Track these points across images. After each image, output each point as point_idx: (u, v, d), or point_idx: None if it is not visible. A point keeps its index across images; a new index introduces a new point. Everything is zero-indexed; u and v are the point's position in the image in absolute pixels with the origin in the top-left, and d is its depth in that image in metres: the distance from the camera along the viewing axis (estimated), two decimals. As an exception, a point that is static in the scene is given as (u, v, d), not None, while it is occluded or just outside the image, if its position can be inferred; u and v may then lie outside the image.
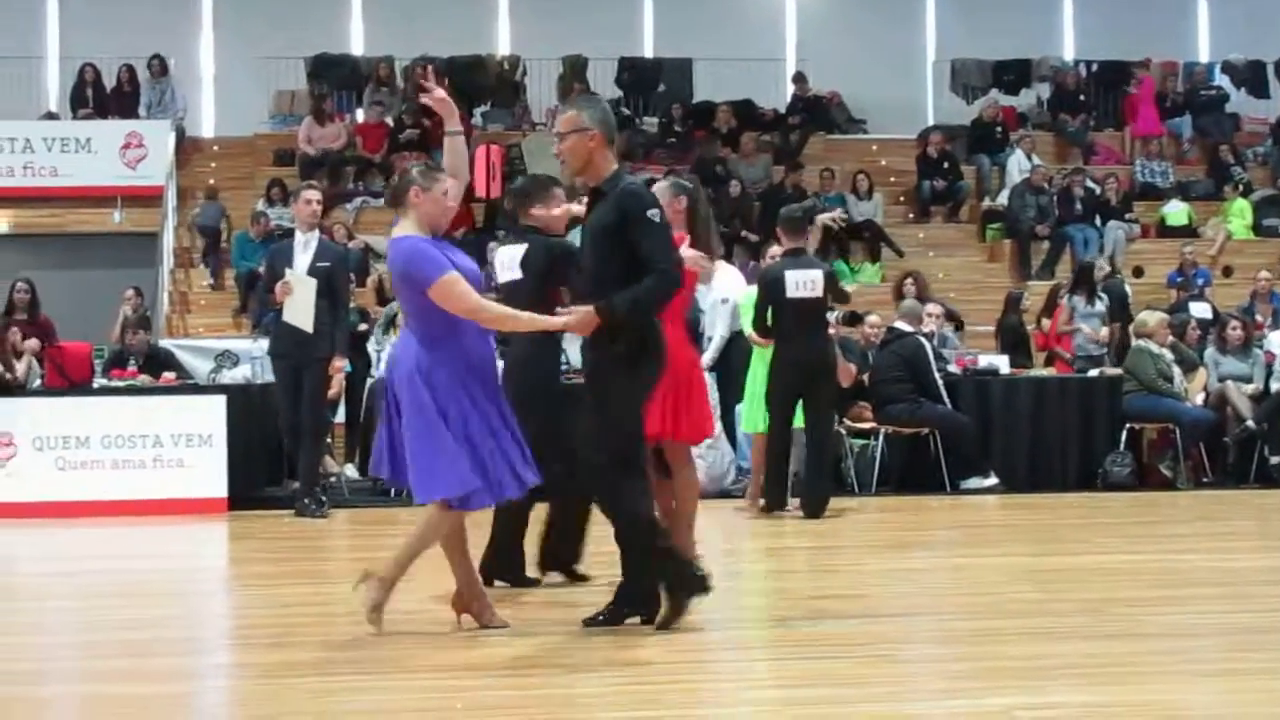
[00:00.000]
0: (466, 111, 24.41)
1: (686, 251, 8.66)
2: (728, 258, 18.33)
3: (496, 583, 8.58)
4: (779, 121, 25.12)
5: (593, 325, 7.10)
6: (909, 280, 17.45)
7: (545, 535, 8.88)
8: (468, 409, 7.04)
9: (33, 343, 14.69)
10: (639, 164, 23.07)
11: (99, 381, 14.42)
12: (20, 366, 14.43)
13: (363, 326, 16.47)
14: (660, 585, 7.21)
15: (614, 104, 25.01)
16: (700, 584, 7.19)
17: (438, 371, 7.01)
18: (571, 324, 7.18)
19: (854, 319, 15.78)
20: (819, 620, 7.80)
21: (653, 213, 7.11)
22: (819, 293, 12.55)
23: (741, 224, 21.75)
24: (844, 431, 14.70)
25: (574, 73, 25.32)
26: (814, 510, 12.42)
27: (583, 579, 8.84)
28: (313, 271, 12.78)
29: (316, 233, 13.19)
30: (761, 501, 12.77)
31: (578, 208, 8.74)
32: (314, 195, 13.31)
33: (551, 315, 7.56)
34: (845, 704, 5.81)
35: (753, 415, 13.14)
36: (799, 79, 25.76)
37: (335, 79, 25.03)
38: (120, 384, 14.21)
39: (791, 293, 12.43)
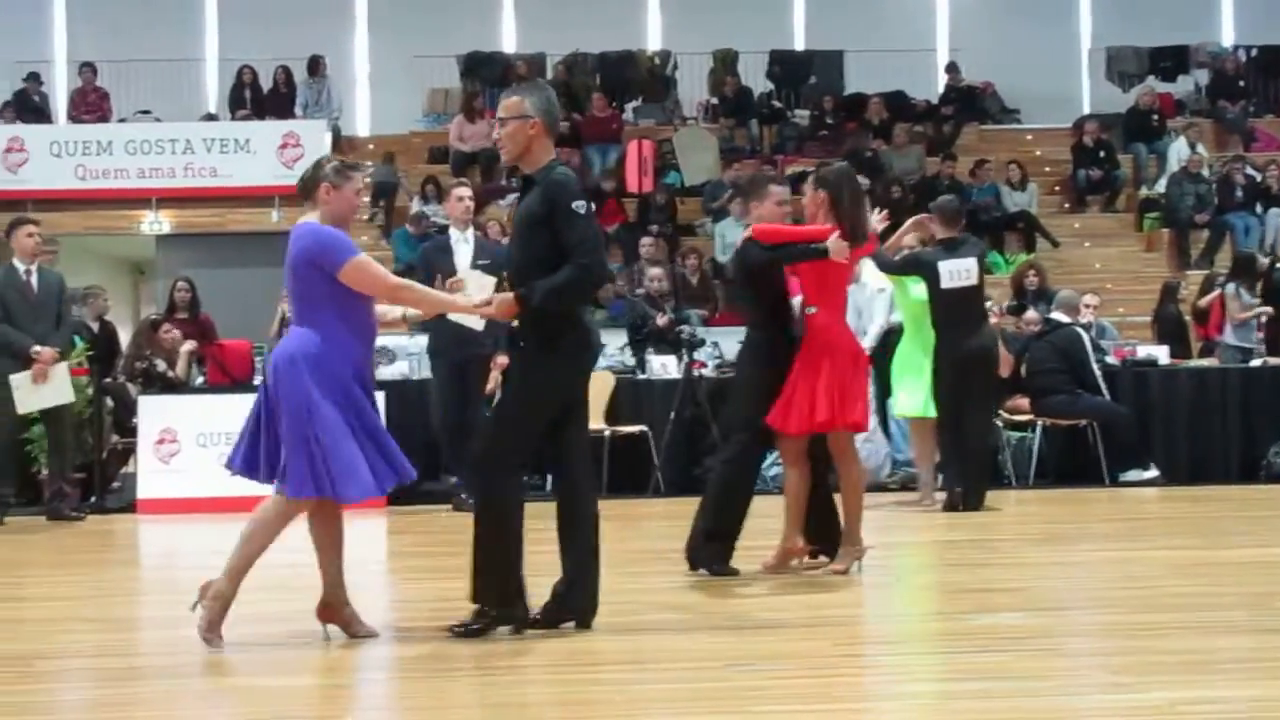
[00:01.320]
0: (618, 107, 24.49)
1: (832, 243, 8.65)
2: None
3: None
4: (931, 112, 24.95)
5: (510, 312, 7.10)
6: (1031, 273, 17.19)
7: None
8: (343, 405, 6.97)
9: (189, 343, 14.93)
10: (790, 157, 23.02)
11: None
12: (180, 365, 14.67)
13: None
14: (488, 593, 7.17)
15: (765, 97, 25.02)
16: (518, 620, 7.13)
17: (320, 364, 6.91)
18: (489, 310, 7.19)
19: (1019, 308, 15.64)
20: (979, 614, 7.73)
21: (578, 204, 6.99)
22: (975, 281, 12.43)
23: (894, 216, 21.57)
24: (1001, 423, 14.57)
25: (724, 66, 25.30)
26: (974, 503, 12.30)
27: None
28: (473, 268, 12.85)
29: (472, 230, 13.29)
30: (938, 497, 12.65)
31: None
32: (465, 192, 13.39)
33: (768, 315, 7.71)
34: (1006, 698, 5.75)
35: (909, 399, 13.01)
36: (951, 69, 25.59)
37: (487, 76, 25.20)
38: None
39: (946, 283, 12.31)
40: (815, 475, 9.03)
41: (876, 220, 9.72)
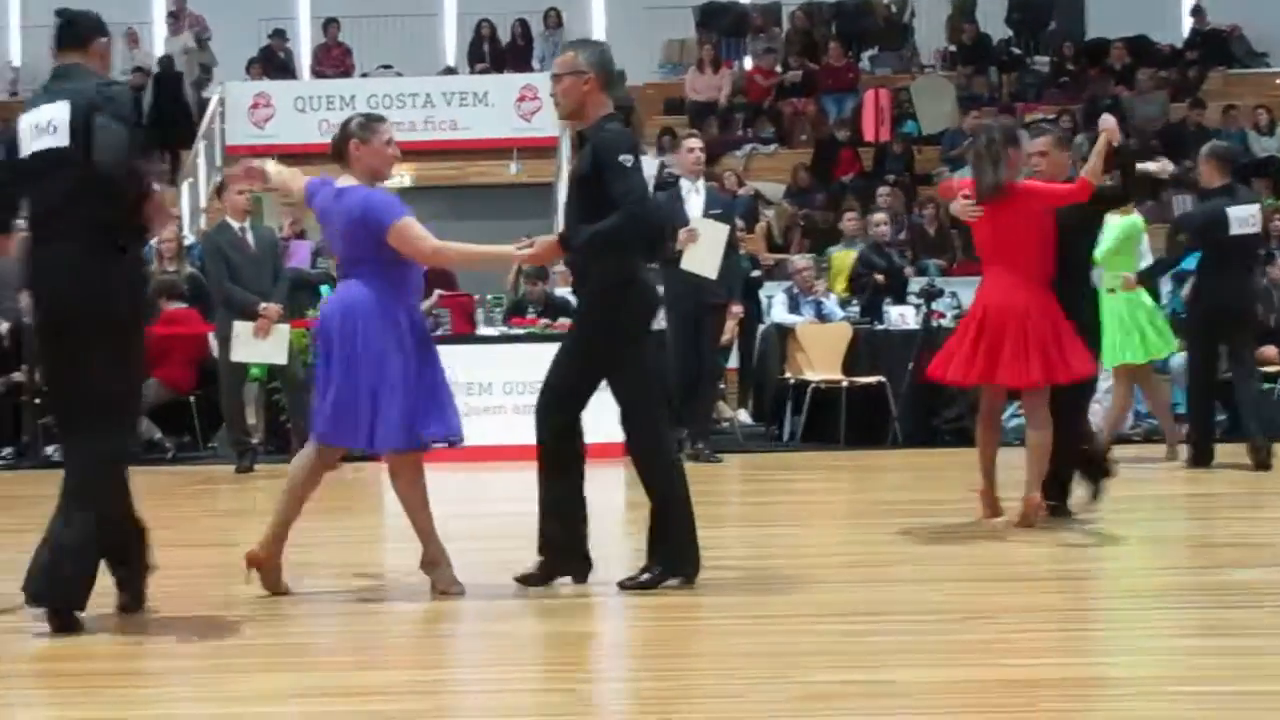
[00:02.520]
0: (854, 56, 24.31)
1: (955, 205, 8.64)
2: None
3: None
4: (1176, 57, 24.36)
5: (552, 254, 7.21)
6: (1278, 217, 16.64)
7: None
8: (413, 356, 7.02)
9: (436, 294, 15.18)
10: (1030, 104, 22.64)
11: (500, 329, 14.82)
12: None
13: (756, 273, 16.56)
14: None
15: (1004, 44, 24.63)
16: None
17: (385, 320, 6.95)
18: (531, 254, 7.22)
19: (1269, 257, 15.24)
20: (1227, 569, 7.59)
21: (624, 158, 6.90)
22: (1258, 228, 12.14)
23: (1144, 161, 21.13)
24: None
25: (962, 13, 24.95)
26: (1262, 460, 11.90)
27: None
28: (704, 218, 12.89)
29: (702, 180, 13.32)
30: (1183, 453, 12.34)
31: None
32: (695, 143, 13.44)
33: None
34: (1252, 655, 5.64)
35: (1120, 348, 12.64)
36: (1197, 12, 24.95)
37: (723, 27, 25.14)
38: (520, 331, 14.58)
39: (1235, 230, 11.94)
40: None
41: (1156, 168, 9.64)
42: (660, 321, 13.86)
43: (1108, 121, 9.17)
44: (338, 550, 8.43)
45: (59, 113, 6.27)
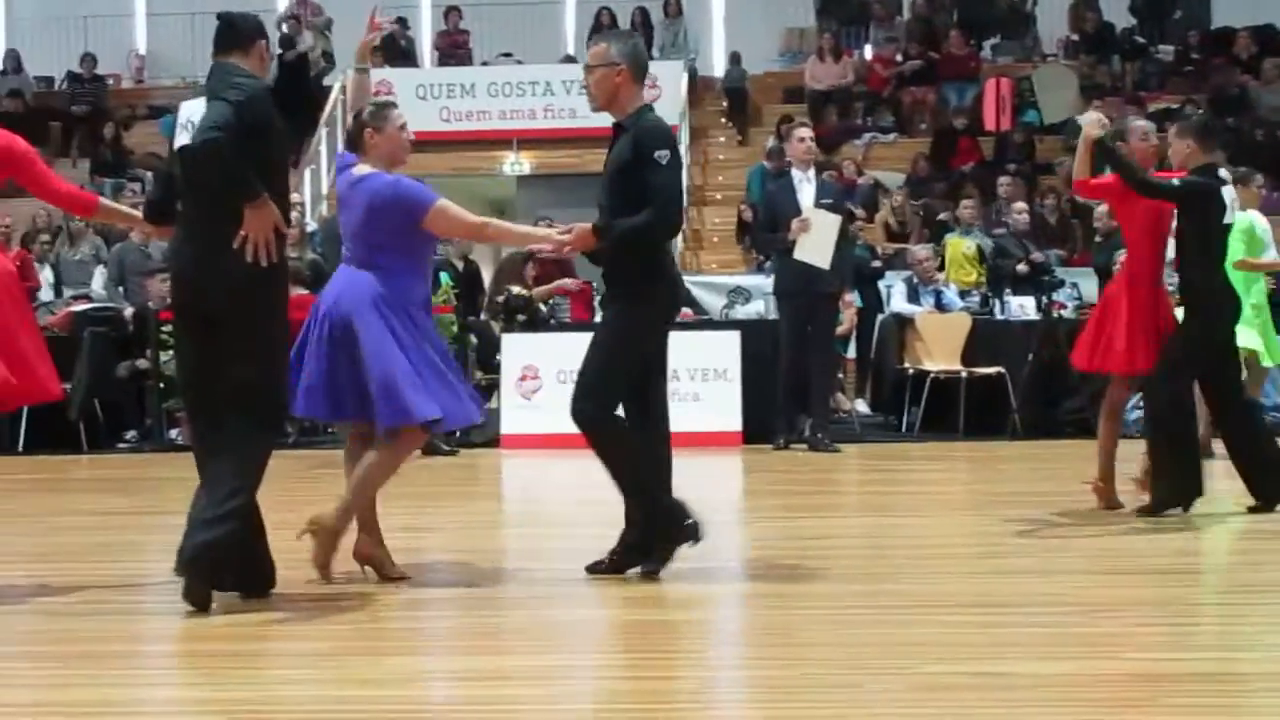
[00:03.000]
0: (976, 45, 24.11)
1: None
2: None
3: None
4: (1304, 47, 23.99)
5: (587, 242, 7.12)
6: None
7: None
8: (421, 341, 7.06)
9: (570, 281, 15.26)
10: (1153, 94, 22.39)
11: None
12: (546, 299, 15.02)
13: (875, 263, 16.51)
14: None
15: (1127, 32, 24.33)
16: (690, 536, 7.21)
17: (395, 303, 6.98)
18: (566, 240, 7.20)
19: None
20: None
21: (661, 153, 6.95)
22: None
23: (1268, 153, 20.84)
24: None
25: (1085, 1, 24.70)
26: None
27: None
28: (816, 207, 12.91)
29: (813, 170, 13.32)
30: None
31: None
32: (805, 132, 13.45)
33: None
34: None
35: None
36: (1327, 0, 24.58)
37: (843, 15, 25.05)
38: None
39: None
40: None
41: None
42: (772, 310, 13.92)
43: (1088, 118, 9.14)
44: (455, 536, 8.47)
45: (198, 110, 6.37)
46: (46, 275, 17.12)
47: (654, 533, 7.24)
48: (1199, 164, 8.85)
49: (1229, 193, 8.93)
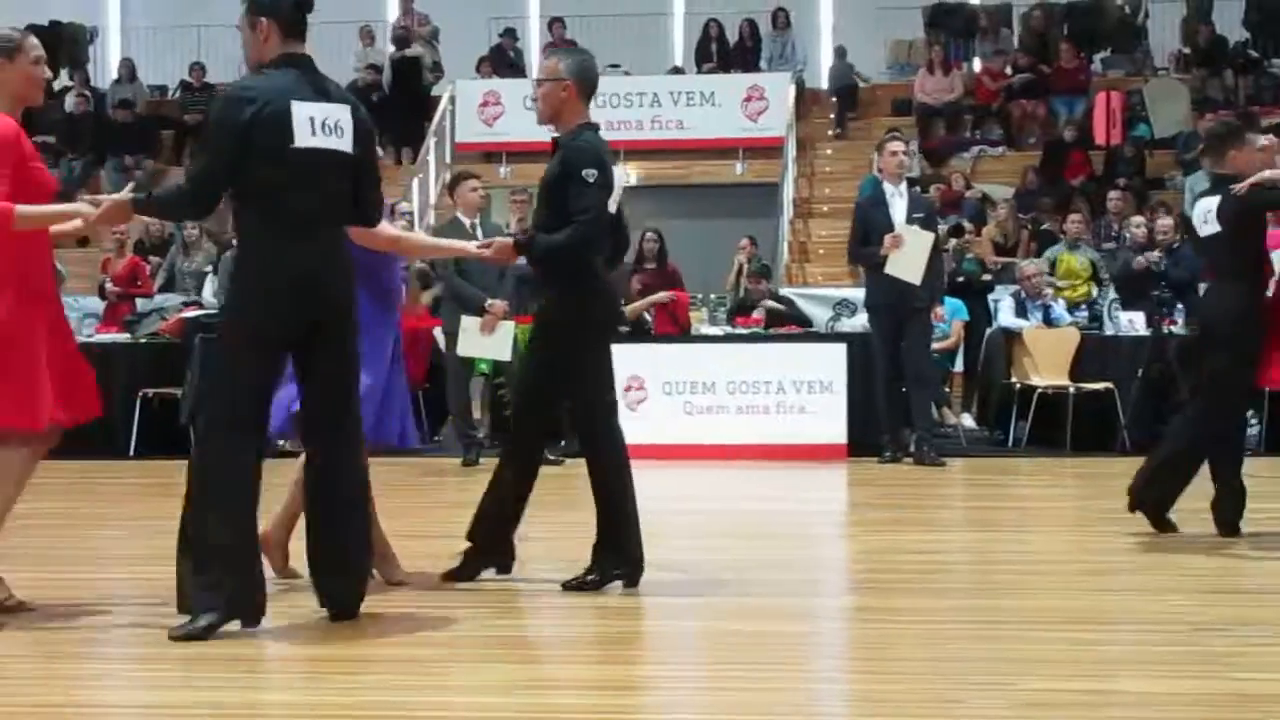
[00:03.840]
0: (1086, 58, 23.92)
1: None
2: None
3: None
4: None
5: (508, 255, 7.25)
6: None
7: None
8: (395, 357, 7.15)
9: (665, 294, 15.27)
10: (1267, 107, 22.09)
11: (723, 329, 14.88)
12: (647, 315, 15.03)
13: (985, 276, 16.42)
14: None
15: (1240, 46, 24.04)
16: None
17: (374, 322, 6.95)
18: (487, 254, 7.28)
19: None
20: None
21: (588, 172, 6.96)
22: None
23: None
24: None
25: (1198, 14, 24.44)
26: None
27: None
28: (908, 223, 12.95)
29: (905, 184, 13.35)
30: None
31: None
32: (897, 147, 13.47)
33: (1247, 268, 7.61)
34: None
35: None
36: None
37: (952, 27, 24.93)
38: (743, 331, 14.62)
39: None
40: None
41: None
42: (864, 324, 13.90)
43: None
44: (557, 545, 8.49)
45: (344, 116, 6.31)
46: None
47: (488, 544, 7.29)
48: None
49: None
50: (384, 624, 6.32)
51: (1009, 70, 23.70)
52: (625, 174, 21.68)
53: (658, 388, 13.85)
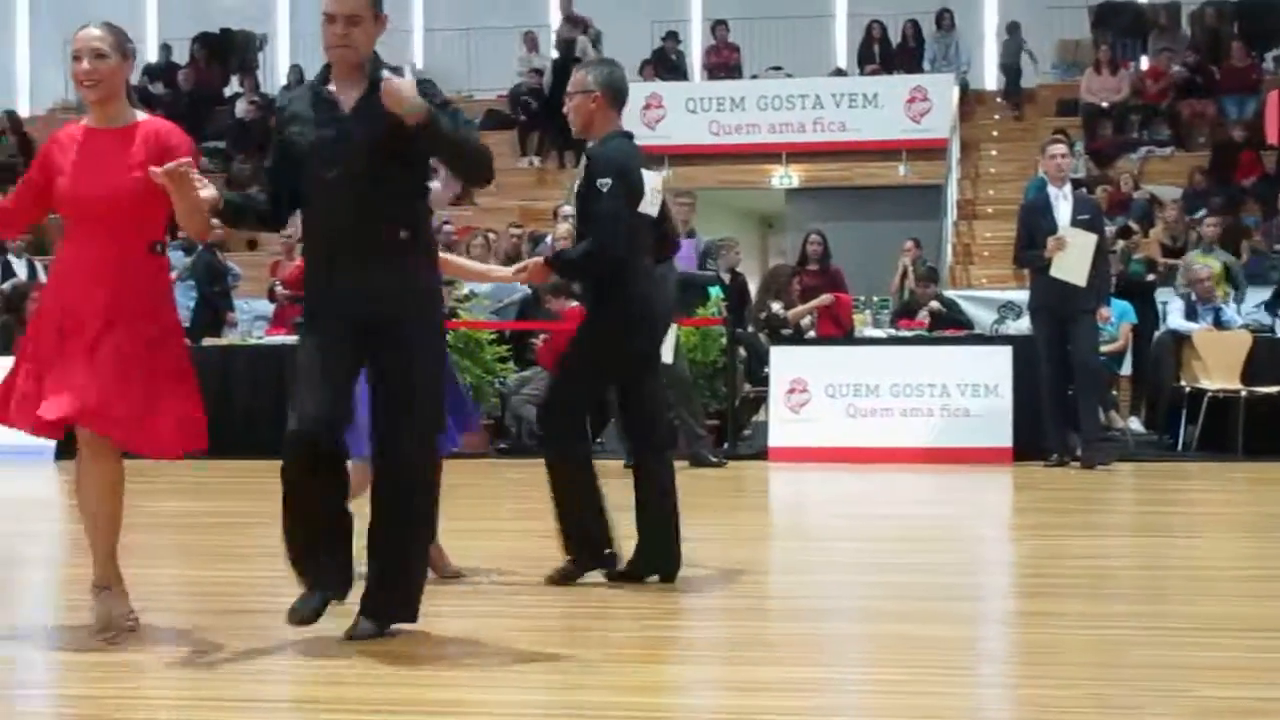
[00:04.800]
0: (1258, 56, 23.50)
1: None
2: None
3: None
4: None
5: (542, 274, 7.43)
6: None
7: None
8: None
9: (827, 296, 15.25)
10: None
11: (887, 331, 14.82)
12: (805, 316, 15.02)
13: (1150, 277, 16.22)
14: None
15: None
16: (607, 567, 7.24)
17: None
18: (522, 276, 7.44)
19: None
20: None
21: (602, 182, 7.04)
22: None
23: None
24: None
25: (1374, 9, 23.94)
26: None
27: None
28: (1072, 225, 12.84)
29: (1069, 186, 13.24)
30: None
31: None
32: (1059, 149, 13.46)
33: None
34: None
35: None
36: None
37: (1120, 26, 24.62)
38: (908, 334, 14.55)
39: None
40: None
41: None
42: (1029, 327, 13.78)
43: None
44: (722, 547, 8.50)
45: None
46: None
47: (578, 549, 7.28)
48: None
49: None
50: (556, 625, 6.37)
51: (1177, 69, 23.35)
52: (666, 174, 21.74)
53: (820, 390, 13.82)
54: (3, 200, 6.51)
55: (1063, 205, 13.06)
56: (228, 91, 26.04)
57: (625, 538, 7.30)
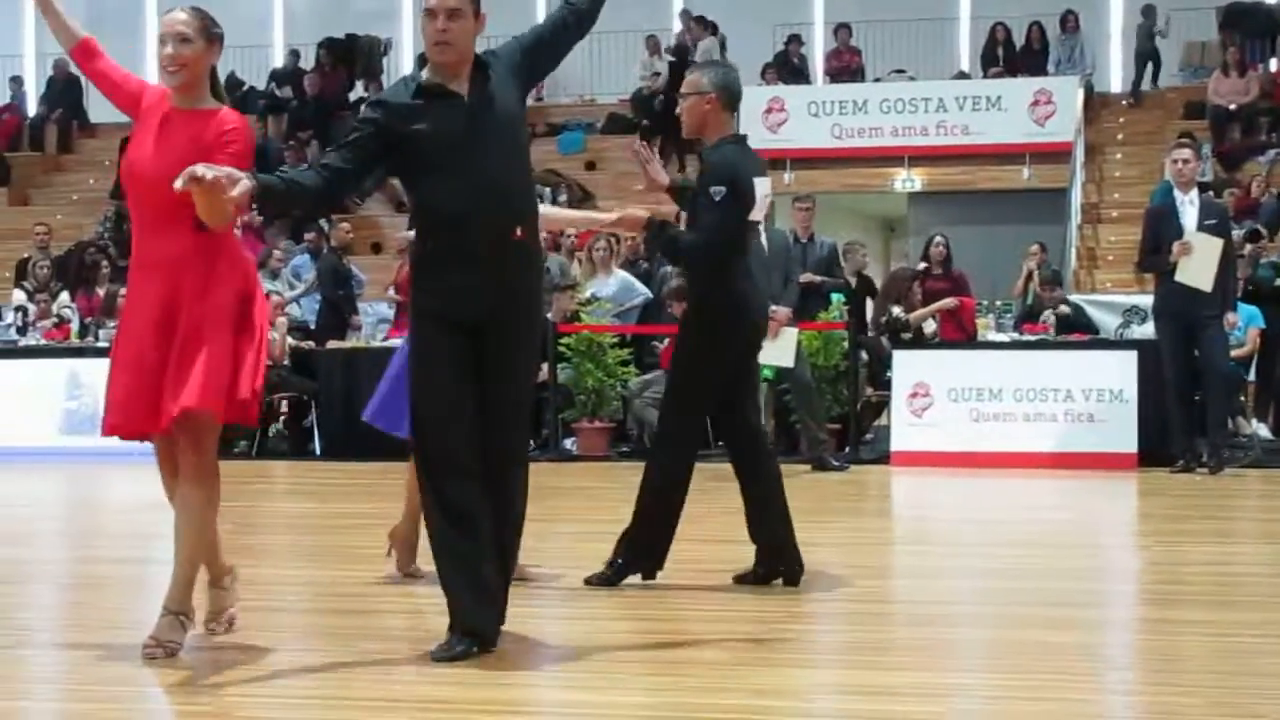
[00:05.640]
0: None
1: None
2: None
3: None
4: None
5: (634, 224, 7.39)
6: None
7: None
8: None
9: (950, 300, 15.21)
10: None
11: (1010, 336, 14.79)
12: (929, 322, 15.00)
13: (1279, 282, 16.04)
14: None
15: None
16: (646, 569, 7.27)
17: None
18: (614, 219, 7.55)
19: None
20: None
21: (715, 190, 7.06)
22: None
23: None
24: None
25: None
26: None
27: None
28: (1199, 229, 12.74)
29: (1195, 190, 13.13)
30: None
31: None
32: (1184, 154, 13.35)
33: None
34: None
35: None
36: None
37: (1249, 28, 24.32)
38: (1031, 338, 14.50)
39: None
40: None
41: None
42: (1151, 331, 13.68)
43: None
44: (844, 551, 8.53)
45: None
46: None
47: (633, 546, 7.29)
48: None
49: None
50: (678, 626, 6.42)
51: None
52: (788, 178, 21.63)
53: (944, 394, 13.80)
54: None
55: (1189, 210, 12.97)
56: (352, 96, 26.29)
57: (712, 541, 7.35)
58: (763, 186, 7.31)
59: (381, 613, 6.85)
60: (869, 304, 16.34)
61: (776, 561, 7.32)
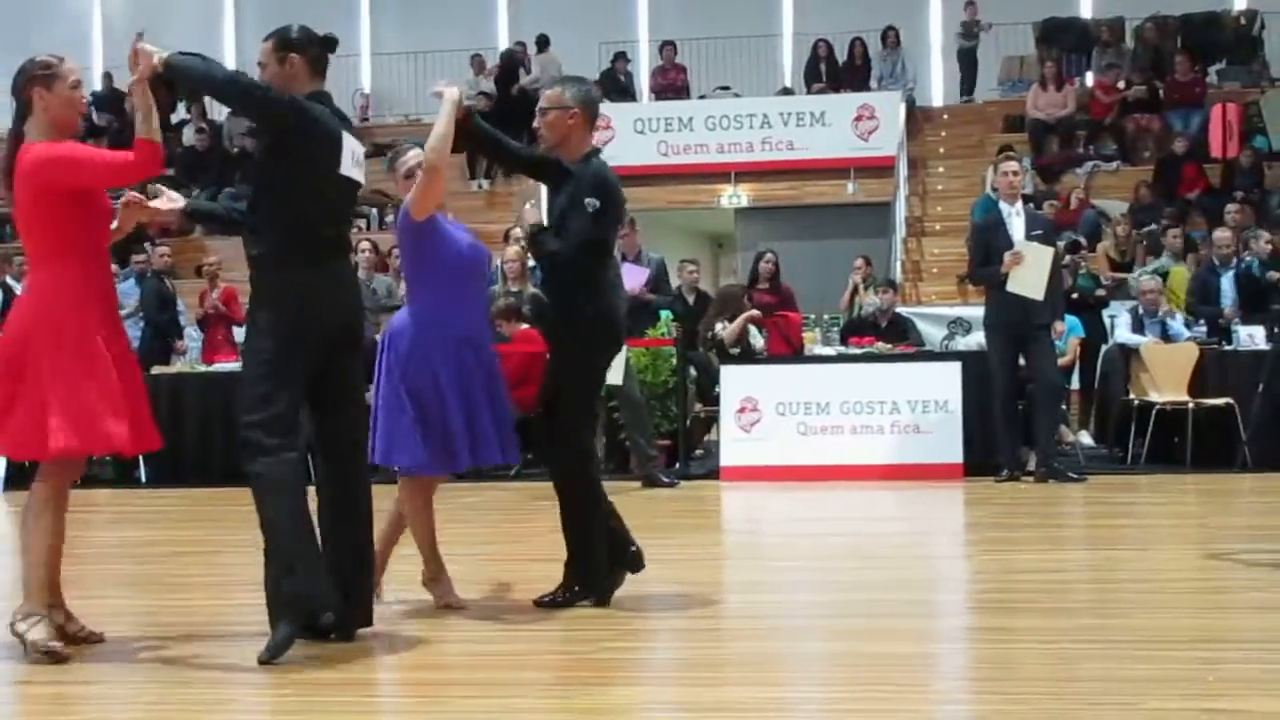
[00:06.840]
0: (1201, 70, 23.67)
1: None
2: None
3: None
4: None
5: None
6: None
7: None
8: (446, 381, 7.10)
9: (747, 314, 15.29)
10: None
11: (836, 349, 14.87)
12: (757, 336, 15.04)
13: (1099, 292, 16.34)
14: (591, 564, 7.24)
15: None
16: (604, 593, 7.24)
17: (425, 339, 7.09)
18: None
19: None
20: None
21: (590, 201, 7.09)
22: None
23: None
24: None
25: (1317, 23, 24.13)
26: None
27: None
28: (1028, 240, 12.95)
29: (1020, 203, 13.36)
30: None
31: None
32: (1011, 166, 13.61)
33: None
34: None
35: None
36: None
37: (1065, 43, 24.77)
38: (857, 351, 14.60)
39: None
40: None
41: None
42: (980, 343, 13.85)
43: None
44: (676, 568, 8.51)
45: (360, 150, 6.56)
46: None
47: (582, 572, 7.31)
48: None
49: None
50: (508, 646, 6.37)
51: (1123, 85, 23.50)
52: (736, 195, 21.72)
53: (772, 409, 13.85)
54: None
55: (1016, 222, 13.17)
56: (174, 118, 25.90)
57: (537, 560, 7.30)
58: None
59: (216, 639, 6.72)
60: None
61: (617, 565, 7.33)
